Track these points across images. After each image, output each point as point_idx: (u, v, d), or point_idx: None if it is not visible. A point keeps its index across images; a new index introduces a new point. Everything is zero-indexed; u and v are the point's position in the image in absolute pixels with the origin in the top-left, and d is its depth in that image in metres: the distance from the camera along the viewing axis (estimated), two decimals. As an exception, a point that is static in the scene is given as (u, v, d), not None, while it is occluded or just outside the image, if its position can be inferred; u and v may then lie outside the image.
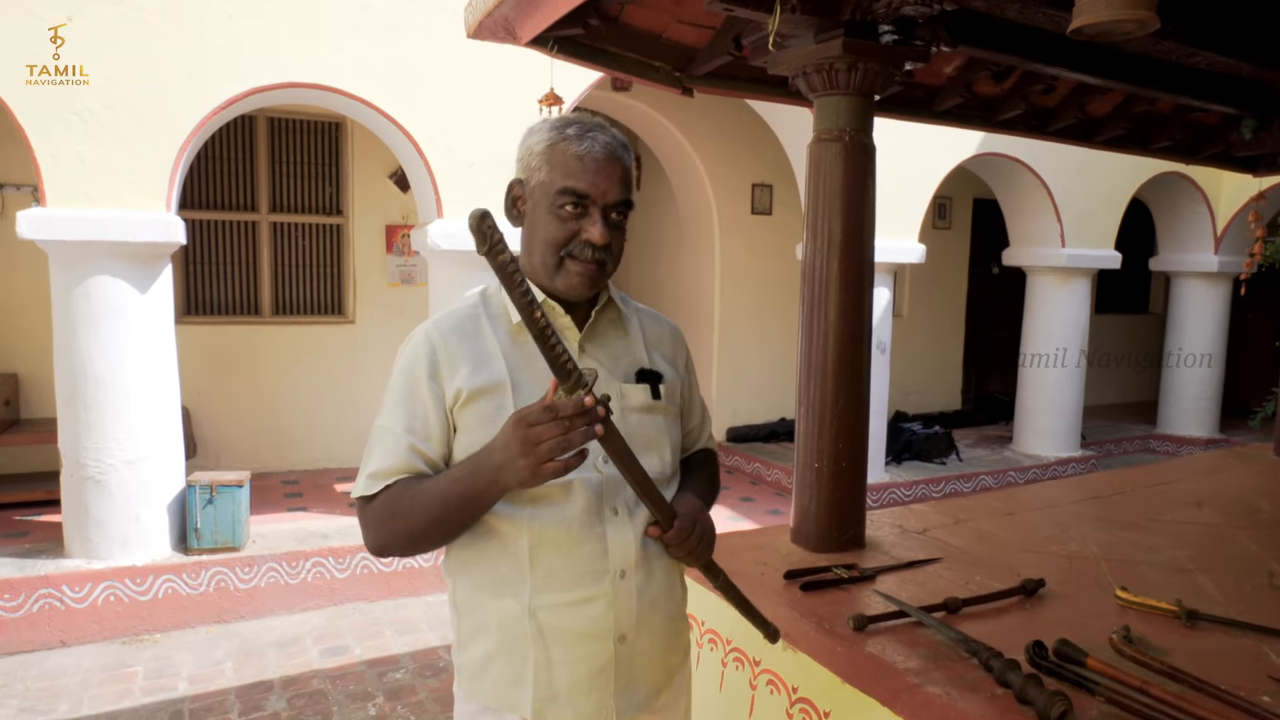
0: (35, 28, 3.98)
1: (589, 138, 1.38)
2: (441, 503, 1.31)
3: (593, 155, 1.37)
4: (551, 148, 1.39)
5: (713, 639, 2.20)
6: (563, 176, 1.37)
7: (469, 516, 1.34)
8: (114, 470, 4.32)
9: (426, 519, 1.33)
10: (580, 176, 1.36)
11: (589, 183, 1.36)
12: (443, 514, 1.32)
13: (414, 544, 1.36)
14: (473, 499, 1.30)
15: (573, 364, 1.19)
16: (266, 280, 6.56)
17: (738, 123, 7.29)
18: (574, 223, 1.37)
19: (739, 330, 7.72)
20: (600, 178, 1.36)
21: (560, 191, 1.36)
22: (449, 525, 1.34)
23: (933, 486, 6.76)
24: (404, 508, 1.34)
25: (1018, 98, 3.36)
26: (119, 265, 4.24)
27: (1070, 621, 1.96)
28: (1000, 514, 2.92)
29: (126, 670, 4.01)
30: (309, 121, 6.58)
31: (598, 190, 1.36)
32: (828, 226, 2.33)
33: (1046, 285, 7.47)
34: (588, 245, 1.38)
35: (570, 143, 1.38)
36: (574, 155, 1.37)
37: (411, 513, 1.33)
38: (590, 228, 1.37)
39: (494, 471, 1.26)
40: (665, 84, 2.86)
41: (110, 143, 4.16)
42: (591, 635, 1.39)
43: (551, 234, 1.38)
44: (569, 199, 1.36)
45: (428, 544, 1.37)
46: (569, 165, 1.37)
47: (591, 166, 1.36)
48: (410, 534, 1.35)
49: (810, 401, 2.41)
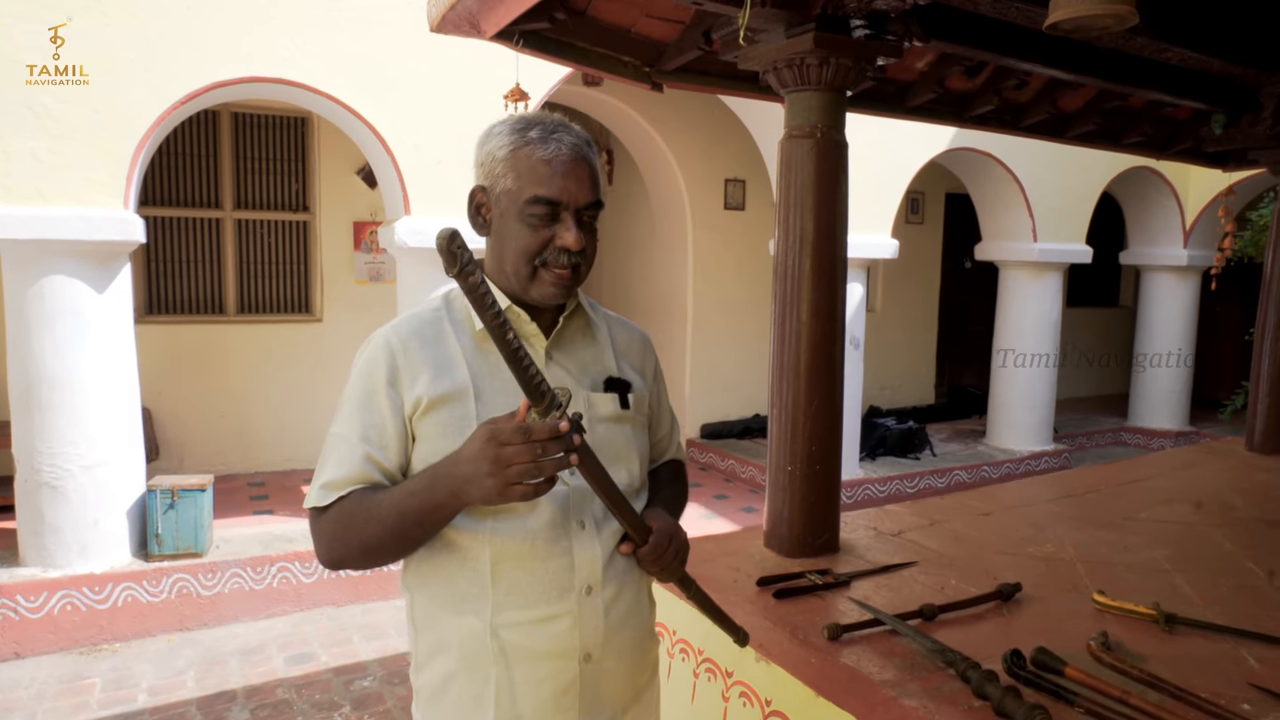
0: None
1: (554, 140, 1.32)
2: (398, 516, 1.25)
3: (560, 158, 1.31)
4: (515, 153, 1.32)
5: (684, 649, 2.15)
6: (531, 184, 1.30)
7: (426, 531, 1.27)
8: (71, 475, 4.19)
9: (382, 532, 1.26)
10: (549, 183, 1.29)
11: (559, 188, 1.30)
12: (399, 527, 1.25)
13: (369, 558, 1.30)
14: (431, 512, 1.24)
15: (546, 385, 1.15)
16: (231, 278, 6.42)
17: (710, 118, 7.24)
18: (546, 230, 1.31)
19: (712, 326, 7.68)
20: (570, 181, 1.30)
21: (530, 200, 1.30)
22: (406, 539, 1.28)
23: (907, 482, 6.76)
24: (358, 521, 1.27)
25: (990, 93, 3.34)
26: (75, 264, 4.11)
27: (1047, 627, 1.93)
28: (975, 514, 2.89)
29: (84, 682, 3.89)
30: (274, 117, 6.44)
31: (569, 195, 1.30)
32: (800, 224, 2.28)
33: (1019, 279, 7.49)
34: (563, 252, 1.32)
35: (535, 147, 1.31)
36: (540, 160, 1.30)
37: (366, 526, 1.27)
38: (564, 234, 1.31)
39: (457, 484, 1.20)
40: (634, 79, 2.79)
41: (65, 139, 4.02)
42: (556, 654, 1.33)
43: (524, 243, 1.32)
44: (540, 207, 1.30)
45: (384, 558, 1.30)
46: (536, 171, 1.30)
47: (560, 170, 1.30)
48: (364, 548, 1.28)
49: (783, 402, 2.36)
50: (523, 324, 1.38)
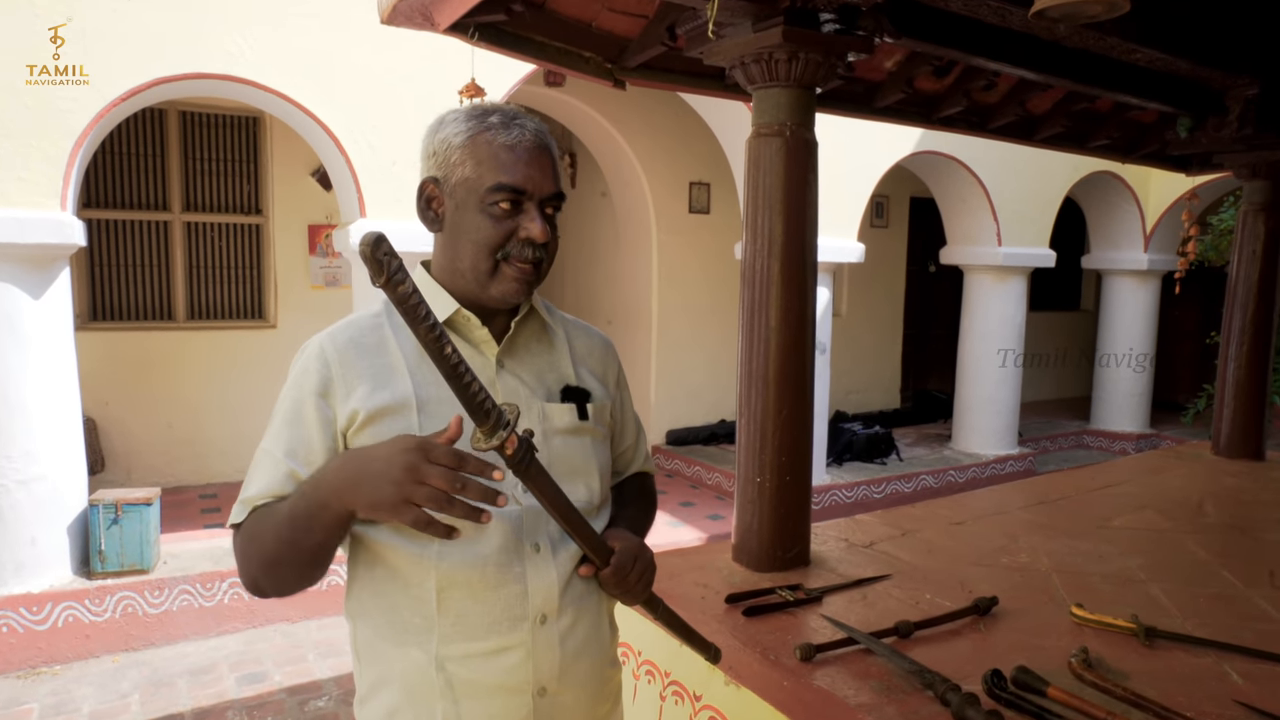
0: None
1: (516, 126, 1.23)
2: (289, 520, 1.12)
3: (523, 145, 1.22)
4: (474, 139, 1.22)
5: (650, 671, 2.04)
6: (493, 171, 1.20)
7: (317, 539, 1.13)
8: (5, 491, 3.98)
9: (276, 543, 1.14)
10: (513, 170, 1.20)
11: (524, 176, 1.21)
12: (290, 535, 1.12)
13: (273, 576, 1.17)
14: (318, 512, 1.10)
15: (491, 403, 1.04)
16: (181, 283, 6.20)
17: (674, 119, 7.16)
18: (509, 221, 1.21)
19: (677, 331, 7.60)
20: (534, 169, 1.22)
21: (492, 189, 1.20)
22: (299, 549, 1.14)
23: (874, 487, 6.73)
24: (257, 531, 1.16)
25: (959, 94, 3.29)
26: (8, 269, 3.90)
27: (1026, 644, 1.86)
28: (948, 523, 2.83)
29: (20, 708, 3.69)
30: (224, 116, 6.23)
31: (533, 183, 1.22)
32: (768, 225, 2.19)
33: (983, 284, 7.52)
34: (527, 244, 1.22)
35: (495, 132, 1.22)
36: (503, 146, 1.21)
37: (263, 536, 1.15)
38: (529, 225, 1.22)
39: (353, 480, 1.07)
40: (596, 76, 2.70)
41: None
42: (507, 689, 1.23)
43: (485, 236, 1.21)
44: (504, 195, 1.20)
45: (287, 575, 1.17)
46: (499, 158, 1.21)
47: (524, 157, 1.22)
48: (264, 562, 1.16)
49: (751, 412, 2.28)
50: (473, 329, 1.27)
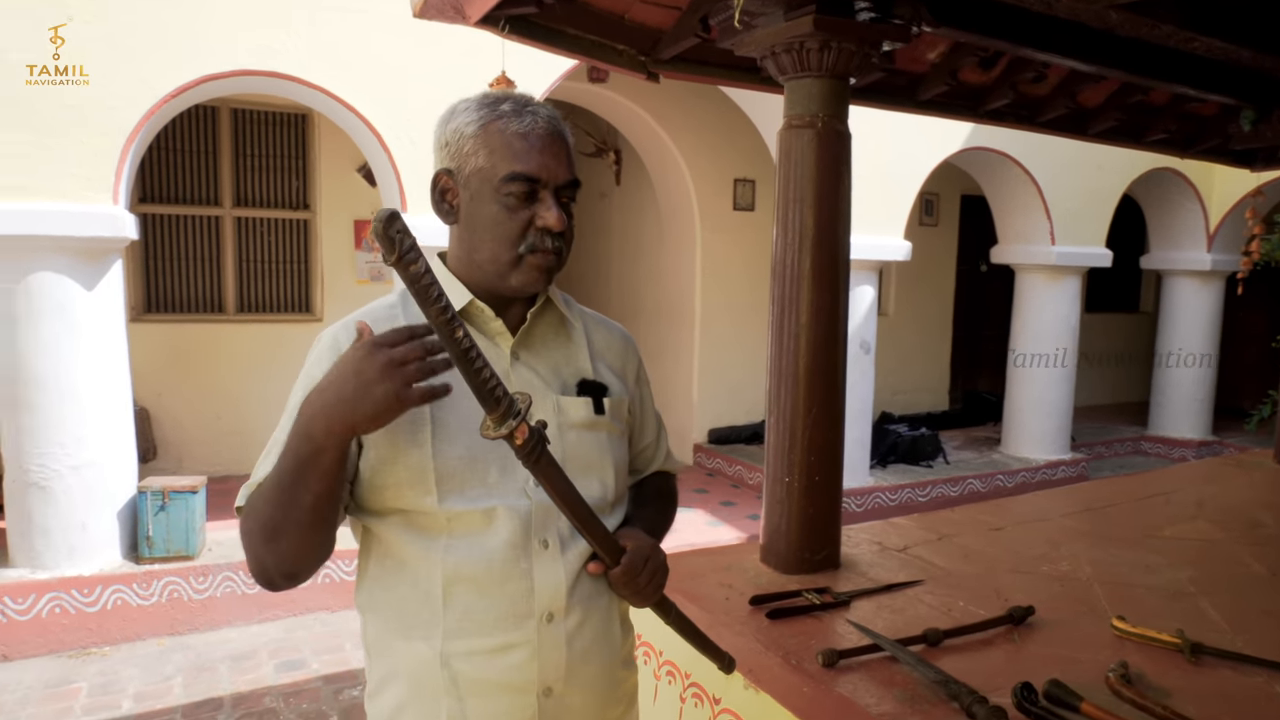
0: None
1: (528, 113, 1.21)
2: (277, 483, 1.07)
3: (536, 132, 1.20)
4: (486, 128, 1.20)
5: (671, 672, 2.01)
6: (507, 160, 1.19)
7: (311, 490, 1.06)
8: (59, 476, 4.10)
9: (271, 508, 1.08)
10: (527, 158, 1.19)
11: (538, 164, 1.19)
12: (285, 495, 1.06)
13: (277, 548, 1.10)
14: (309, 461, 1.04)
15: (502, 390, 1.03)
16: (231, 276, 6.34)
17: (719, 116, 7.10)
18: (525, 210, 1.20)
19: (721, 329, 7.53)
20: (548, 157, 1.20)
21: (507, 178, 1.18)
22: (300, 508, 1.07)
23: (919, 490, 6.59)
24: (253, 507, 1.13)
25: (1006, 86, 3.18)
26: (63, 261, 4.02)
27: (1062, 656, 1.78)
28: (987, 529, 2.74)
29: (70, 687, 3.80)
30: (274, 113, 6.35)
31: (548, 171, 1.20)
32: (799, 219, 2.14)
33: (1036, 283, 7.31)
34: (545, 234, 1.21)
35: (508, 120, 1.20)
36: (515, 134, 1.19)
37: (259, 509, 1.11)
38: (545, 213, 1.20)
39: (339, 411, 1.01)
40: (629, 68, 2.67)
41: (51, 133, 3.93)
42: (512, 687, 1.21)
43: (502, 228, 1.20)
44: (518, 185, 1.18)
45: (292, 543, 1.10)
46: (512, 146, 1.19)
47: (537, 145, 1.20)
48: (265, 534, 1.10)
49: (780, 410, 2.23)
50: (487, 321, 1.26)
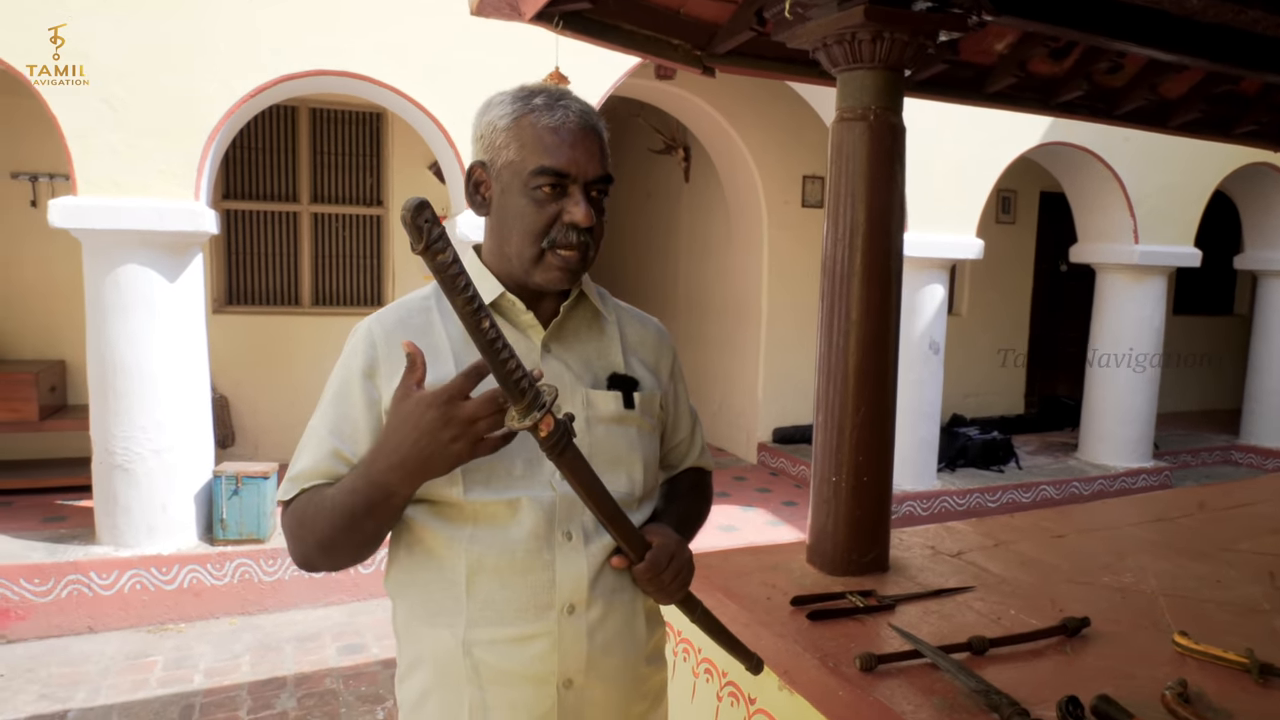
0: (65, 14, 3.97)
1: (560, 107, 1.21)
2: (346, 512, 1.14)
3: (567, 127, 1.20)
4: (518, 121, 1.21)
5: (709, 670, 2.00)
6: (536, 154, 1.20)
7: (378, 522, 1.16)
8: (141, 459, 4.32)
9: (333, 530, 1.16)
10: (556, 152, 1.19)
11: (567, 158, 1.19)
12: (349, 522, 1.14)
13: (330, 557, 1.20)
14: (382, 501, 1.13)
15: (528, 381, 1.03)
16: (307, 271, 6.56)
17: (788, 112, 7.01)
18: (553, 205, 1.21)
19: (786, 327, 7.44)
20: (579, 151, 1.20)
21: (535, 172, 1.19)
22: (363, 533, 1.17)
23: (988, 496, 6.40)
24: (309, 516, 1.19)
25: (1079, 77, 3.06)
26: (148, 254, 4.22)
27: (1115, 670, 1.71)
28: (1048, 536, 2.64)
29: (147, 660, 3.99)
30: (350, 112, 6.54)
31: (577, 166, 1.20)
32: (850, 214, 2.10)
33: (1117, 284, 7.01)
34: (571, 229, 1.21)
35: (539, 114, 1.21)
36: (546, 128, 1.20)
37: (316, 522, 1.17)
38: (572, 208, 1.20)
39: (413, 465, 1.08)
40: (684, 63, 2.66)
41: (139, 131, 4.13)
42: (532, 678, 1.21)
43: (529, 221, 1.21)
44: (546, 179, 1.19)
45: (346, 557, 1.20)
46: (542, 140, 1.20)
47: (568, 139, 1.20)
48: (321, 546, 1.18)
49: (829, 408, 2.19)
50: (518, 313, 1.27)
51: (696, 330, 8.38)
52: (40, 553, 4.31)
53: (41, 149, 5.56)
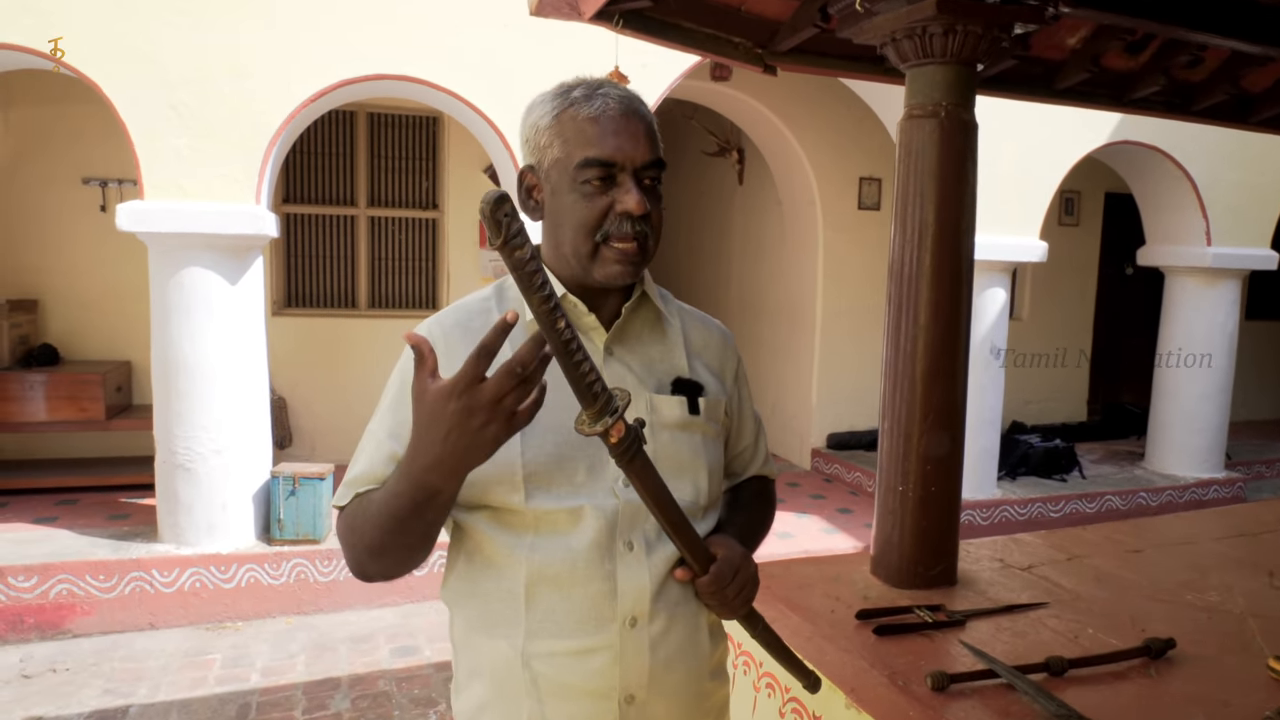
0: (135, 23, 4.08)
1: (599, 96, 1.17)
2: (392, 515, 1.08)
3: (609, 114, 1.16)
4: (559, 118, 1.17)
5: (770, 684, 1.94)
6: (580, 147, 1.15)
7: (427, 521, 1.09)
8: (202, 459, 4.40)
9: (381, 533, 1.10)
10: (601, 142, 1.15)
11: (613, 146, 1.15)
12: (396, 524, 1.08)
13: (381, 562, 1.14)
14: (427, 501, 1.05)
15: (601, 385, 0.99)
16: (364, 273, 6.65)
17: (845, 113, 6.90)
18: (603, 197, 1.16)
19: (841, 332, 7.32)
20: (624, 138, 1.15)
21: (581, 165, 1.15)
22: (410, 535, 1.10)
23: (1051, 505, 6.20)
24: (359, 522, 1.15)
25: (1156, 72, 2.93)
26: (210, 257, 4.30)
27: (1206, 696, 1.61)
28: (1124, 550, 2.53)
29: (206, 657, 4.06)
30: (407, 116, 6.62)
31: (623, 153, 1.15)
32: (919, 215, 2.03)
33: (1187, 288, 6.74)
34: (625, 219, 1.16)
35: (579, 106, 1.16)
36: (587, 119, 1.16)
37: (365, 528, 1.13)
38: (624, 197, 1.15)
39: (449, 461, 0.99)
40: (745, 62, 2.60)
41: (203, 136, 4.22)
42: (593, 693, 1.17)
43: (580, 216, 1.16)
44: (594, 170, 1.14)
45: (396, 561, 1.14)
46: (585, 132, 1.15)
47: (610, 127, 1.15)
48: (370, 551, 1.13)
49: (895, 415, 2.12)
50: (580, 315, 1.23)
51: (750, 334, 8.29)
52: (105, 550, 4.42)
53: (111, 155, 5.73)
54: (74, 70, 4.05)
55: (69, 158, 5.80)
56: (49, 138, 5.76)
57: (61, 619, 4.25)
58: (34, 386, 5.36)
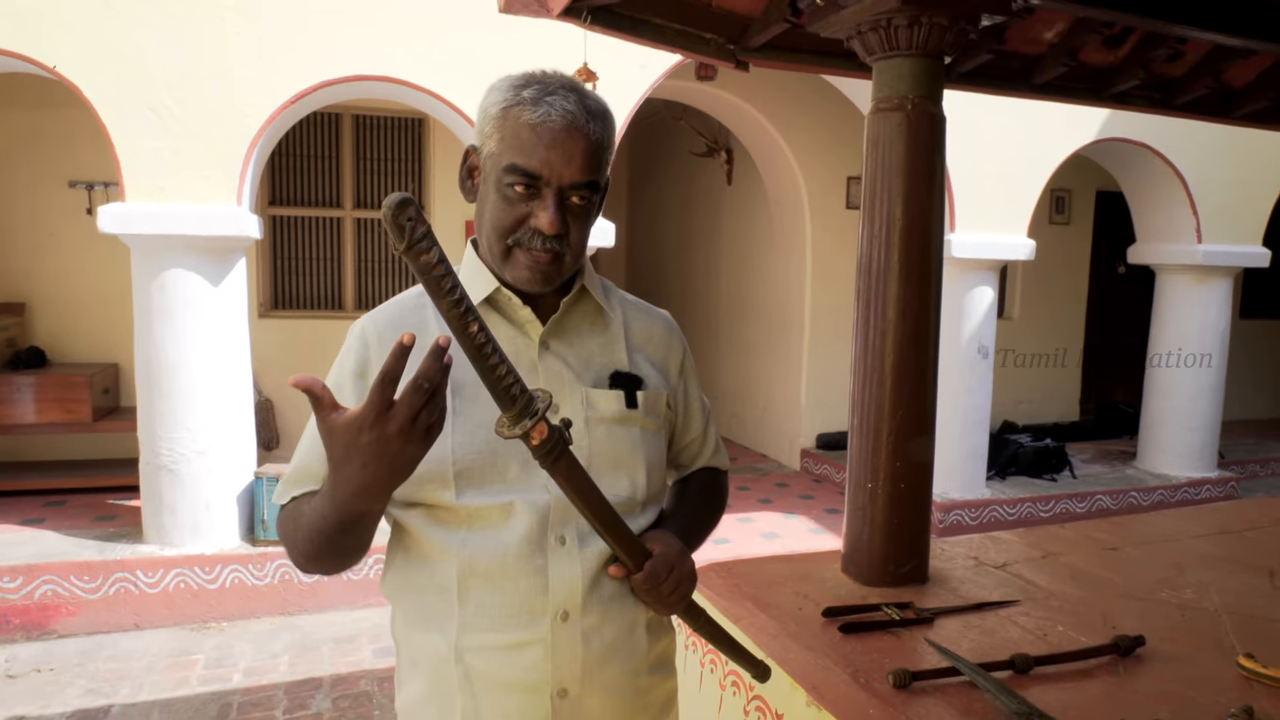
0: (117, 25, 4.06)
1: (546, 103, 1.12)
2: (320, 530, 1.08)
3: (548, 125, 1.12)
4: (505, 112, 1.15)
5: (735, 682, 1.92)
6: (512, 150, 1.13)
7: (357, 536, 1.09)
8: (185, 460, 4.38)
9: (312, 547, 1.11)
10: (531, 152, 1.12)
11: (540, 159, 1.12)
12: (323, 539, 1.08)
13: (318, 566, 1.16)
14: (357, 519, 1.05)
15: (519, 387, 0.97)
16: (350, 275, 6.63)
17: (832, 112, 6.89)
18: (522, 206, 1.14)
19: (830, 332, 7.30)
20: (555, 153, 1.12)
21: (506, 169, 1.13)
22: (344, 548, 1.11)
23: (1041, 505, 6.18)
24: (294, 528, 1.15)
25: (1136, 66, 2.91)
26: (192, 259, 4.28)
27: (1173, 694, 1.59)
28: (1101, 547, 2.51)
29: (189, 658, 4.04)
30: (392, 118, 6.60)
31: (550, 169, 1.12)
32: (887, 210, 2.01)
33: (1178, 286, 6.73)
34: (536, 234, 1.14)
35: (524, 108, 1.13)
36: (526, 125, 1.12)
37: (298, 536, 1.14)
38: (540, 213, 1.13)
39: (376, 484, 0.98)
40: (716, 58, 2.59)
41: (184, 137, 4.20)
42: (526, 687, 1.16)
43: (496, 217, 1.16)
44: (516, 178, 1.12)
45: (333, 566, 1.15)
46: (520, 137, 1.12)
47: (546, 139, 1.12)
48: (306, 557, 1.14)
49: (864, 412, 2.10)
50: (515, 309, 1.21)
51: (739, 334, 8.28)
52: (90, 551, 4.40)
53: (97, 158, 5.70)
54: (54, 73, 4.03)
55: (55, 160, 5.78)
56: (35, 141, 5.74)
57: (47, 619, 4.23)
58: (21, 389, 5.34)
